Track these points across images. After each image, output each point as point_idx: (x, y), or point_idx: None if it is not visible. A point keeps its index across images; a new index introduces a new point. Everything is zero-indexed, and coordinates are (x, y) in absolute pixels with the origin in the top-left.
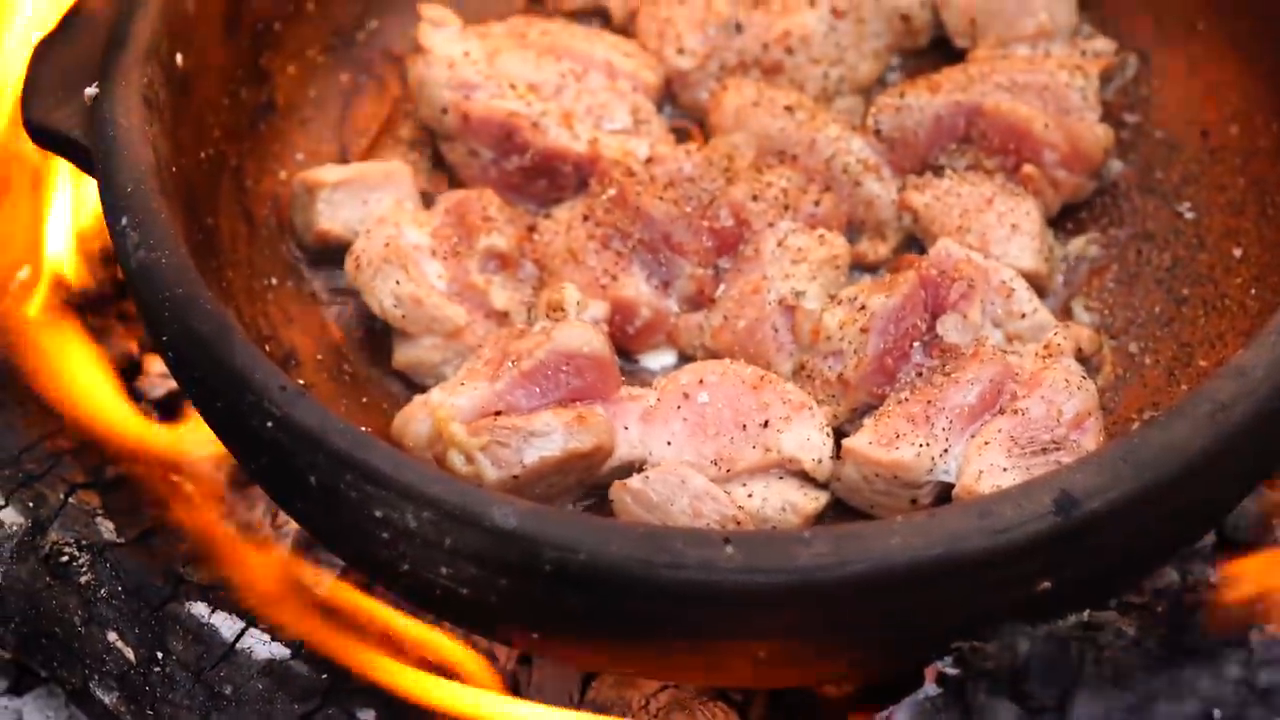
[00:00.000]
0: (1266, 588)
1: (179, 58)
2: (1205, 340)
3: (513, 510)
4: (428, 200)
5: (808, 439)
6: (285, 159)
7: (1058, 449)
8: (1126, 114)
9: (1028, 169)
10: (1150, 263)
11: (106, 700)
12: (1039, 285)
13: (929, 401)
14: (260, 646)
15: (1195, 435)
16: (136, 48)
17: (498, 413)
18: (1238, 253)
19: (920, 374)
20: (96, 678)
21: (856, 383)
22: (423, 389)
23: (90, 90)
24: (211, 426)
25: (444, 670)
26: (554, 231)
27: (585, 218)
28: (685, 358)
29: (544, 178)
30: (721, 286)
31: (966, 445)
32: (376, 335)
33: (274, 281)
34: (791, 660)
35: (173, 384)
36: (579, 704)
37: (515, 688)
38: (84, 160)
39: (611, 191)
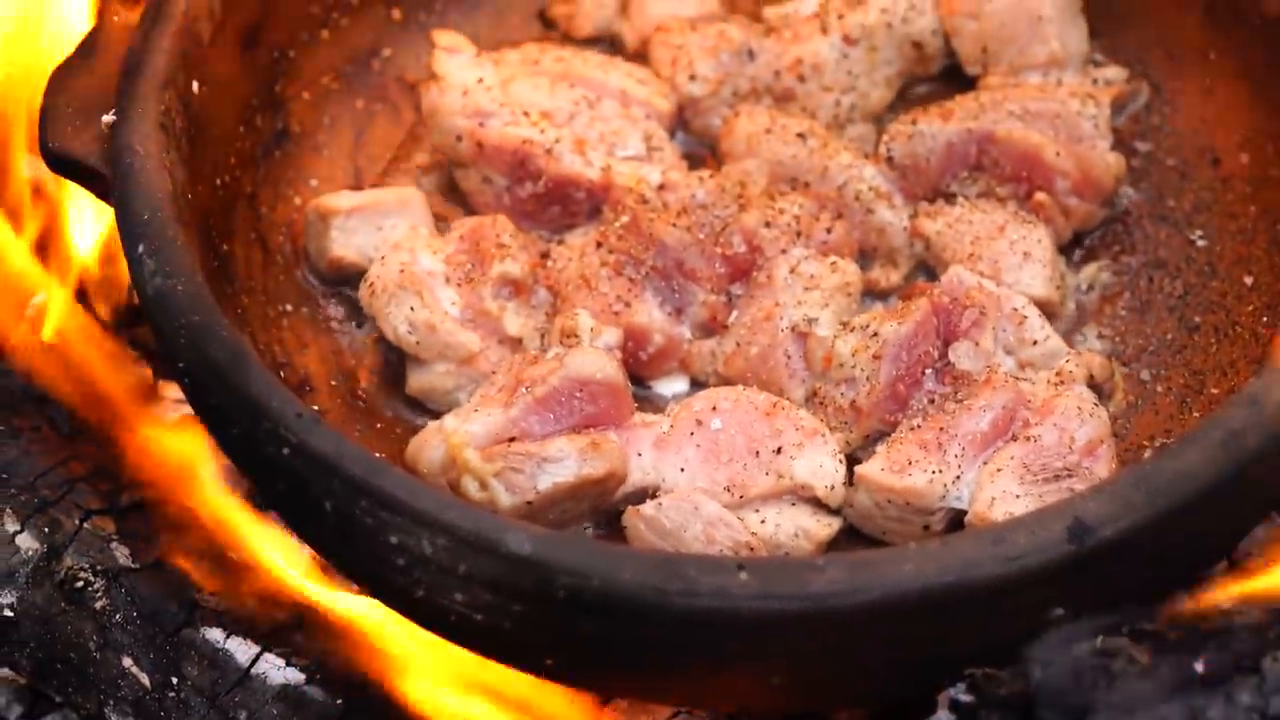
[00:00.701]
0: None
1: (195, 85)
2: (1217, 368)
3: (527, 537)
4: (442, 227)
5: (820, 465)
6: (300, 186)
7: (1070, 476)
8: (1138, 142)
9: (1039, 196)
10: (1162, 290)
11: None
12: (1051, 312)
13: (941, 428)
14: (275, 671)
15: (1208, 463)
16: (153, 75)
17: (511, 439)
18: (1249, 280)
19: (933, 401)
20: (111, 703)
21: (869, 409)
22: (436, 415)
23: (107, 118)
24: (227, 453)
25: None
26: (567, 258)
27: (598, 244)
28: (698, 384)
29: (557, 204)
30: (734, 313)
31: (979, 472)
32: (390, 361)
33: (289, 308)
34: (805, 686)
35: (187, 409)
36: None
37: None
38: (101, 187)
39: (624, 218)
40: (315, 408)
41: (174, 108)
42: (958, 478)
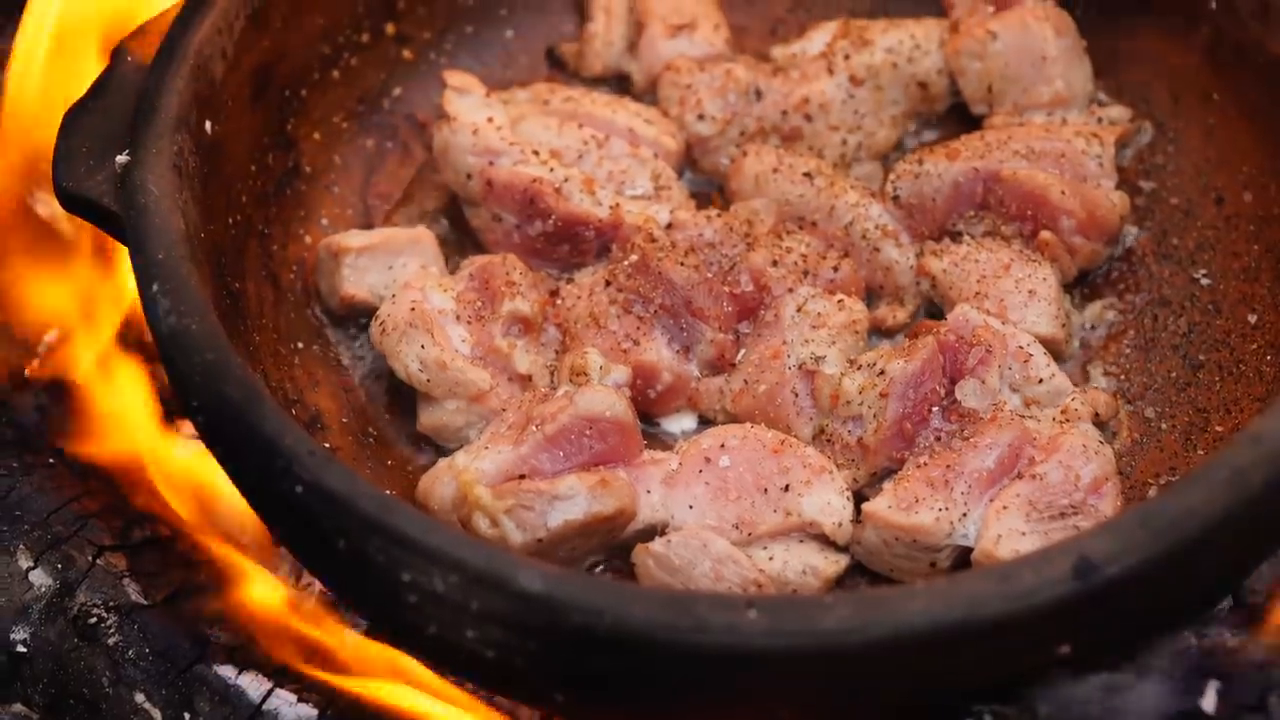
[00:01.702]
0: None
1: (208, 125)
2: (1221, 406)
3: (539, 574)
4: (452, 265)
5: (828, 503)
6: (310, 224)
7: (1076, 514)
8: (1142, 181)
9: (1045, 235)
10: (1166, 328)
11: None
12: (1056, 351)
13: (948, 466)
14: (287, 708)
15: (1213, 501)
16: (166, 116)
17: (522, 476)
18: (1253, 319)
19: (939, 438)
20: None
21: (876, 447)
22: (447, 452)
23: (121, 158)
24: (240, 490)
25: None
26: (576, 296)
27: (607, 283)
28: (706, 422)
29: (566, 243)
30: (742, 351)
31: (985, 509)
32: (401, 398)
33: (300, 345)
34: None
35: (200, 446)
36: None
37: None
38: (115, 227)
39: (633, 257)
40: (327, 445)
41: (187, 148)
42: (964, 515)
